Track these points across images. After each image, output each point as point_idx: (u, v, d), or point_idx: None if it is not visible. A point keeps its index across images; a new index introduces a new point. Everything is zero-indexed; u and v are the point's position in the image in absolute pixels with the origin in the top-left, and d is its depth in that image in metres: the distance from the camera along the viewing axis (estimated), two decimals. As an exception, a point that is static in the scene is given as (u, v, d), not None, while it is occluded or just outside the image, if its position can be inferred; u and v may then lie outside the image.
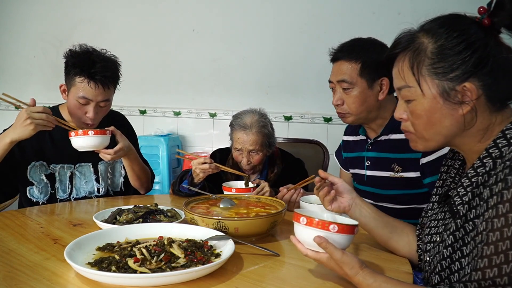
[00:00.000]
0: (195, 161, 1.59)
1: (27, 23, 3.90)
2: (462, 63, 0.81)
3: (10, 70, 3.98)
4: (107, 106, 1.67)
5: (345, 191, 1.06)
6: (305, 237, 0.87)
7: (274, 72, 3.26)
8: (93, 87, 1.56)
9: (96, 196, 1.75)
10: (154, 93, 3.60)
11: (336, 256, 0.83)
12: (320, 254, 0.86)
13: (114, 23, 3.63)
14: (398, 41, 0.91)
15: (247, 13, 3.30)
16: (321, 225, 0.85)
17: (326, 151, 2.27)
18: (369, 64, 1.40)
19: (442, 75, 0.84)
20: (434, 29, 0.86)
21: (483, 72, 0.81)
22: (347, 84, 1.43)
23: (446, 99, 0.84)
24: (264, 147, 1.78)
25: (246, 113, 1.82)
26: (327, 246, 0.83)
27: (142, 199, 1.71)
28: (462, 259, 0.82)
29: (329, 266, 0.86)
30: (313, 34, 3.11)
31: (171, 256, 0.91)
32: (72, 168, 1.70)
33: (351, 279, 0.83)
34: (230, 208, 1.28)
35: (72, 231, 1.21)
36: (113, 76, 1.62)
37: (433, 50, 0.84)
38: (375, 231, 1.08)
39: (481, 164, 0.83)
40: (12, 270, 0.91)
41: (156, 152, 3.26)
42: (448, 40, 0.83)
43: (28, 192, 1.64)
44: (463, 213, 0.83)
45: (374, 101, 1.44)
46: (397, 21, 2.88)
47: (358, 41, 1.46)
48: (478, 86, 0.82)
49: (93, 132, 1.51)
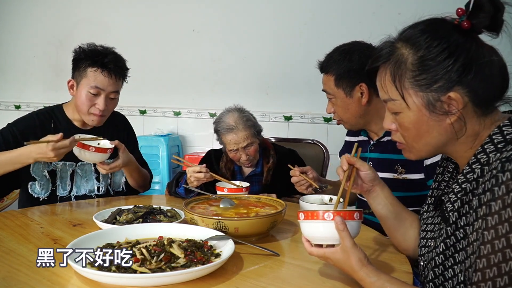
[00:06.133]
0: (190, 169, 1.60)
1: (27, 23, 3.89)
2: (445, 73, 0.79)
3: (10, 70, 3.98)
4: (116, 99, 1.71)
5: (367, 180, 1.03)
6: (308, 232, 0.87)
7: (274, 72, 3.26)
8: (106, 76, 1.61)
9: (96, 195, 1.75)
10: (154, 93, 3.60)
11: (348, 243, 0.82)
12: (324, 250, 0.86)
13: (114, 23, 3.63)
14: (379, 54, 0.89)
15: (247, 13, 3.30)
16: (316, 215, 0.84)
17: (326, 151, 2.26)
18: (342, 75, 1.46)
19: (425, 87, 0.81)
20: (413, 38, 0.83)
21: (467, 79, 0.79)
22: (329, 94, 1.53)
23: (432, 111, 0.82)
24: (254, 137, 1.82)
25: (225, 114, 1.84)
26: (343, 229, 0.82)
27: (141, 200, 1.71)
28: (455, 266, 0.81)
29: (334, 259, 0.85)
30: (313, 34, 3.11)
31: (171, 256, 0.90)
32: (73, 166, 1.71)
33: (354, 273, 0.82)
34: (230, 208, 1.28)
35: (72, 231, 1.21)
36: (123, 67, 1.69)
37: (413, 62, 0.82)
38: (385, 221, 1.07)
39: (470, 170, 0.82)
40: (12, 270, 0.91)
41: (156, 152, 3.26)
42: (428, 50, 0.80)
43: (30, 187, 1.65)
44: (453, 221, 0.83)
45: (358, 107, 1.48)
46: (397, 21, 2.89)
47: (335, 52, 1.51)
48: (463, 94, 0.79)
49: (94, 149, 1.54)
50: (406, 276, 0.93)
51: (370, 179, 1.03)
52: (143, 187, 1.87)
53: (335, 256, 0.84)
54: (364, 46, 1.49)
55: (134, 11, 3.59)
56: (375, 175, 1.03)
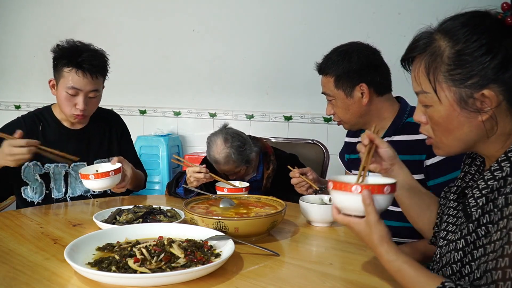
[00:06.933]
0: (190, 169, 1.60)
1: (27, 23, 3.89)
2: (481, 69, 0.77)
3: (10, 70, 3.98)
4: (97, 98, 1.67)
5: (386, 158, 1.03)
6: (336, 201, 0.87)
7: (274, 72, 3.25)
8: (81, 76, 1.57)
9: (92, 195, 1.74)
10: (154, 93, 3.60)
11: (372, 218, 0.81)
12: (349, 219, 0.86)
13: (114, 23, 3.62)
14: (416, 43, 0.86)
15: (247, 13, 3.30)
16: (344, 187, 0.84)
17: (326, 151, 2.26)
18: (342, 76, 1.46)
19: (459, 82, 0.80)
20: (453, 31, 0.81)
21: (504, 77, 0.77)
22: (329, 96, 1.52)
23: (464, 107, 0.81)
24: (240, 165, 1.77)
25: (211, 142, 1.78)
26: (369, 203, 0.81)
27: (141, 200, 1.71)
28: (472, 263, 0.80)
29: (357, 230, 0.85)
30: (313, 34, 3.11)
31: (171, 256, 0.90)
32: (66, 167, 1.69)
33: (374, 248, 0.82)
34: (230, 208, 1.28)
35: (72, 231, 1.21)
36: (100, 65, 1.63)
37: (450, 56, 0.80)
38: (403, 200, 1.06)
39: (498, 168, 0.81)
40: (12, 270, 0.91)
41: (156, 152, 3.26)
42: (466, 45, 0.79)
43: (23, 192, 1.64)
44: (476, 218, 0.81)
45: (359, 108, 1.48)
46: (397, 21, 2.91)
47: (333, 53, 1.50)
48: (498, 92, 0.78)
49: (94, 177, 1.47)
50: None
51: (389, 157, 1.02)
52: (138, 187, 1.86)
53: (358, 227, 0.85)
54: (362, 47, 1.49)
55: (134, 11, 3.59)
56: (394, 153, 1.03)
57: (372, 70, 1.46)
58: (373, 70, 1.46)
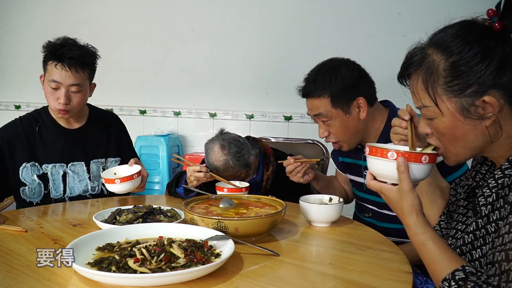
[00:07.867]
0: (190, 168, 1.59)
1: (27, 23, 3.89)
2: (479, 77, 0.78)
3: (10, 70, 3.98)
4: (81, 93, 1.65)
5: (421, 136, 1.01)
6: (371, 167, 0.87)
7: (274, 72, 3.25)
8: (59, 69, 1.58)
9: (90, 195, 1.74)
10: (154, 93, 3.60)
11: (405, 186, 0.82)
12: (381, 184, 0.86)
13: (114, 23, 3.62)
14: (410, 60, 0.87)
15: (247, 13, 3.30)
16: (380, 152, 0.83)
17: (326, 151, 2.26)
18: (338, 94, 1.41)
19: (458, 92, 0.80)
20: (445, 44, 0.82)
21: (502, 81, 0.78)
22: (324, 117, 1.46)
23: (467, 116, 0.81)
24: (241, 169, 1.74)
25: (209, 151, 1.74)
26: (404, 171, 0.82)
27: (141, 200, 1.71)
28: (481, 259, 0.81)
29: (388, 197, 0.86)
30: (313, 34, 3.11)
31: (171, 256, 0.90)
32: (64, 167, 1.69)
33: (403, 217, 0.83)
34: (230, 208, 1.28)
35: (72, 231, 1.21)
36: (80, 58, 1.62)
37: (446, 68, 0.81)
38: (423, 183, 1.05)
39: (509, 166, 0.81)
40: (12, 270, 0.91)
41: (156, 152, 3.26)
42: (460, 56, 0.79)
43: (22, 193, 1.64)
44: (485, 213, 0.82)
45: (357, 123, 1.45)
46: (397, 21, 2.91)
47: (319, 74, 1.46)
48: (499, 97, 0.78)
49: (120, 181, 1.55)
50: (406, 276, 0.93)
51: (423, 137, 1.01)
52: None
53: (390, 194, 0.85)
54: (346, 60, 1.46)
55: (134, 11, 3.59)
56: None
57: (364, 80, 1.44)
58: (364, 80, 1.45)
